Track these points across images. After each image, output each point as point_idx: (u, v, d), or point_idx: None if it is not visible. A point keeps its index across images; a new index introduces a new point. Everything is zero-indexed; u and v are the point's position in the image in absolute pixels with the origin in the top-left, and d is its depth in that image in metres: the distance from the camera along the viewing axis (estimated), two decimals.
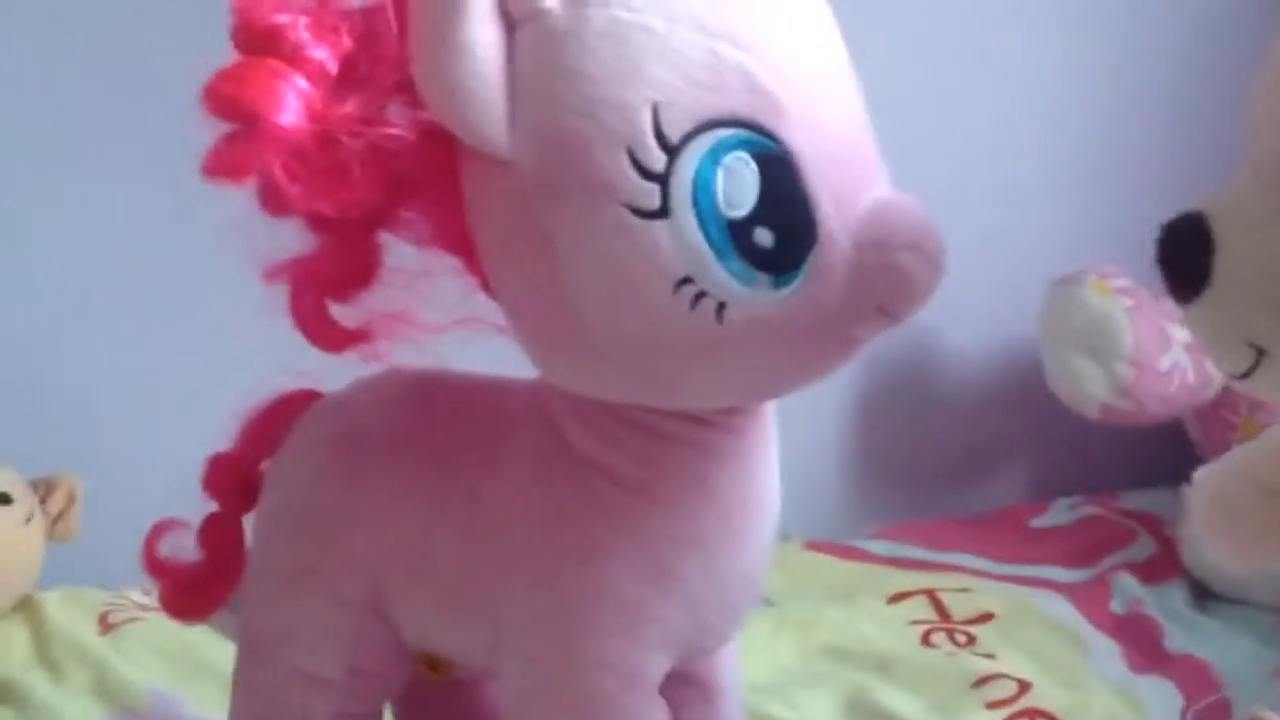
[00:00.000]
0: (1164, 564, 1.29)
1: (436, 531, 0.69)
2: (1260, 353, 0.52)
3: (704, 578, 0.67)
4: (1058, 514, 1.44)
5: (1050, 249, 1.45)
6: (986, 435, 1.57)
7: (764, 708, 1.03)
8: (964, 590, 1.25)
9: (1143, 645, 1.16)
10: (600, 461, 0.66)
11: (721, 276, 0.58)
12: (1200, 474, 0.69)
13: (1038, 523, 1.44)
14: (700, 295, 0.58)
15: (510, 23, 0.58)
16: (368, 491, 0.71)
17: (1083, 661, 1.14)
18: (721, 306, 0.59)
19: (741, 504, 0.68)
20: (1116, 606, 1.23)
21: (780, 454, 1.54)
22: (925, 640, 1.17)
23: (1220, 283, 0.52)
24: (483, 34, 0.57)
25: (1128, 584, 1.25)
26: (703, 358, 0.61)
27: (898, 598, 1.25)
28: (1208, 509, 0.68)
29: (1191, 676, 1.09)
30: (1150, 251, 0.56)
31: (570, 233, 0.58)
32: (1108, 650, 1.15)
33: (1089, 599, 1.24)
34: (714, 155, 0.57)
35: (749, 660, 1.12)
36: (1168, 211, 0.57)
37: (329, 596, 0.71)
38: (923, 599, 1.24)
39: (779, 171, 0.58)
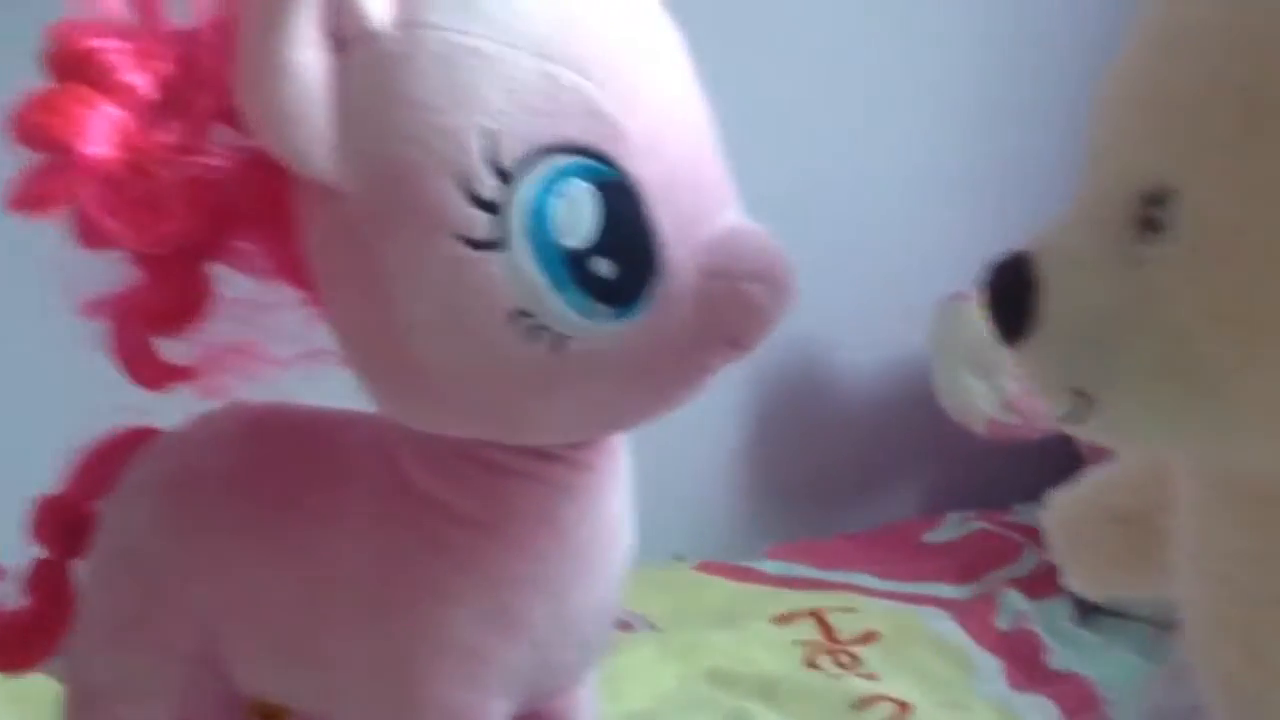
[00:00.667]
0: (1048, 578, 1.28)
1: (274, 578, 0.66)
2: (1086, 399, 0.51)
3: (551, 619, 0.65)
4: (949, 529, 1.45)
5: (940, 265, 1.45)
6: (880, 451, 1.57)
7: None
8: (850, 610, 1.25)
9: (1025, 663, 1.16)
10: (441, 500, 0.64)
11: (560, 309, 0.56)
12: (1052, 499, 0.68)
13: (930, 538, 1.44)
14: (538, 328, 0.56)
15: (341, 45, 0.55)
16: (202, 537, 0.68)
17: (965, 680, 1.13)
18: (561, 339, 0.56)
19: (591, 541, 0.66)
20: (1002, 623, 1.23)
21: (674, 476, 1.54)
22: (810, 662, 1.16)
23: (1045, 327, 0.51)
24: (306, 56, 0.54)
25: (1013, 599, 1.26)
26: (544, 392, 0.58)
27: (784, 619, 1.24)
28: (1059, 537, 0.67)
29: (1072, 693, 1.09)
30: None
31: (402, 265, 0.56)
32: (991, 668, 1.15)
33: (974, 616, 1.24)
34: (551, 183, 0.55)
35: (630, 687, 1.11)
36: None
37: (160, 648, 0.68)
38: (809, 620, 1.24)
39: (620, 200, 0.56)
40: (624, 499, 0.69)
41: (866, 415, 1.54)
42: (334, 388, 0.66)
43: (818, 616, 1.24)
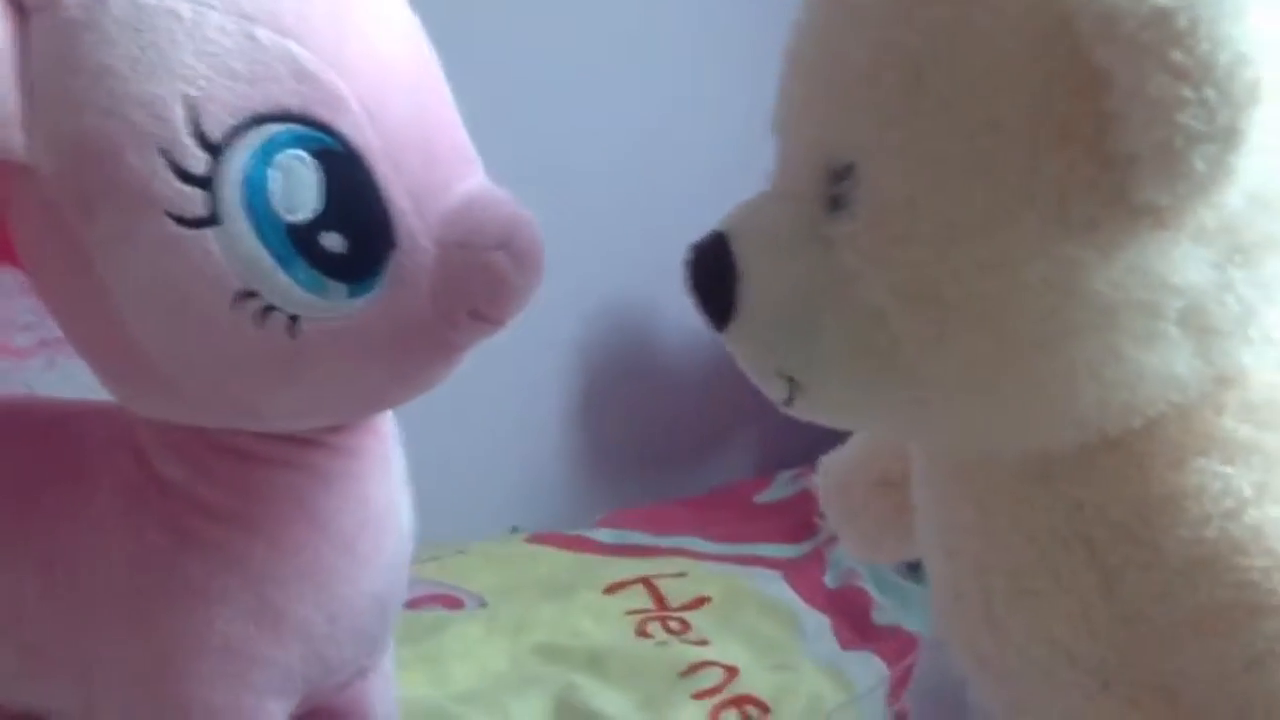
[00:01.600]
0: None
1: (15, 577, 0.62)
2: (793, 382, 0.49)
3: (321, 612, 0.62)
4: (780, 488, 1.44)
5: None
6: (712, 413, 1.56)
7: (470, 719, 0.99)
8: (680, 575, 1.24)
9: (853, 619, 1.16)
10: (192, 493, 0.60)
11: (287, 287, 0.52)
12: (825, 461, 0.67)
13: (761, 498, 1.44)
14: (267, 309, 0.53)
15: (23, 13, 0.51)
16: None
17: (795, 641, 1.13)
18: (293, 320, 0.53)
19: (359, 529, 0.63)
20: (830, 581, 1.23)
21: (505, 448, 1.51)
22: (640, 630, 1.14)
23: (745, 313, 0.49)
24: None
25: (841, 557, 1.26)
26: (283, 377, 0.55)
27: (615, 588, 1.22)
28: (831, 501, 0.65)
29: (895, 647, 1.10)
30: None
31: (109, 247, 0.52)
32: (819, 627, 1.15)
33: (803, 575, 1.23)
34: (265, 154, 0.52)
35: (458, 668, 1.08)
36: None
37: None
38: (640, 587, 1.22)
39: (344, 169, 0.53)
40: (396, 483, 0.66)
41: (697, 378, 1.53)
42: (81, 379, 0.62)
43: (648, 584, 1.22)
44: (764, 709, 1.00)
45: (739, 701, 1.02)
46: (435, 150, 0.56)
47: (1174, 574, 0.44)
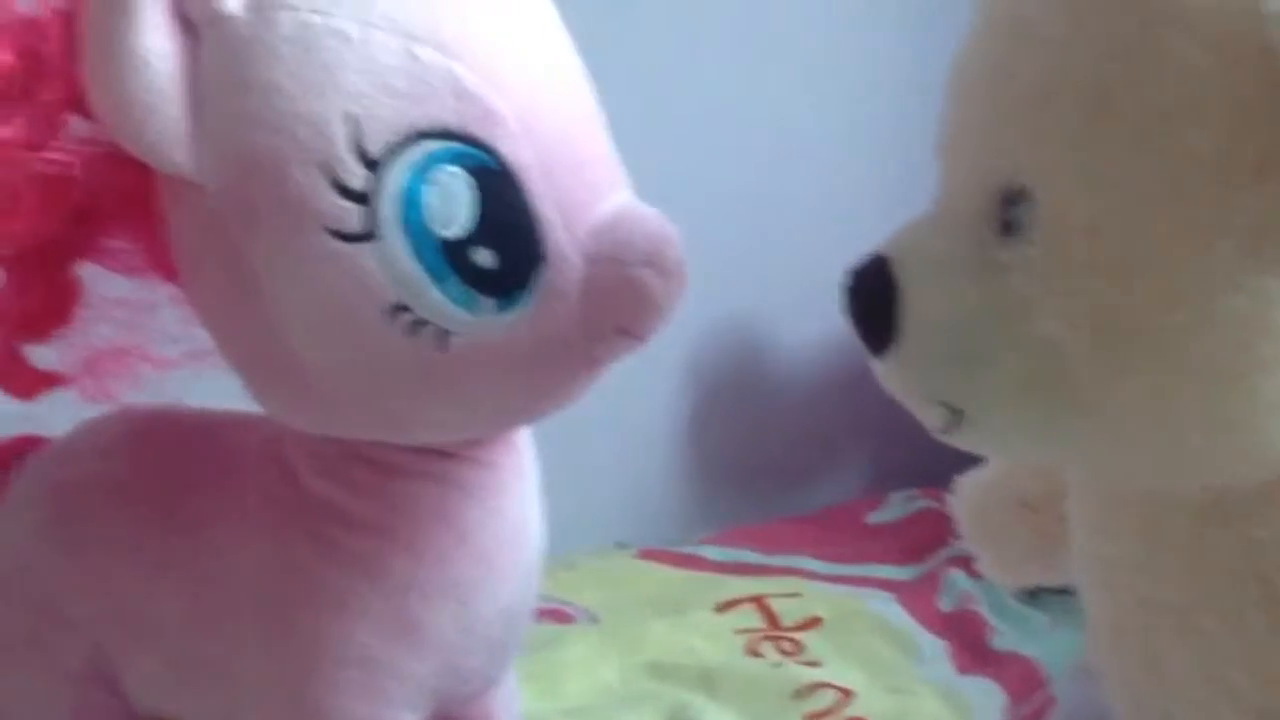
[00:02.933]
0: None
1: (161, 588, 0.63)
2: (956, 412, 0.48)
3: (458, 625, 0.63)
4: (894, 508, 1.42)
5: (878, 239, 1.43)
6: (822, 430, 1.54)
7: None
8: (793, 595, 1.22)
9: (970, 644, 1.14)
10: (335, 504, 0.61)
11: (440, 302, 0.53)
12: (961, 483, 0.65)
13: (874, 518, 1.42)
14: (419, 323, 0.53)
15: (192, 31, 0.52)
16: (87, 549, 0.65)
17: (910, 664, 1.11)
18: (444, 334, 0.54)
19: (497, 541, 0.63)
20: (945, 604, 1.21)
21: (615, 463, 1.52)
22: (752, 650, 1.14)
23: (907, 339, 0.47)
24: (157, 43, 0.51)
25: (957, 579, 1.24)
26: (431, 389, 0.56)
27: (726, 606, 1.22)
28: (968, 524, 0.64)
29: (1016, 674, 1.07)
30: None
31: (271, 260, 0.53)
32: (935, 651, 1.13)
33: (918, 597, 1.22)
34: (422, 170, 0.52)
35: (569, 682, 1.08)
36: None
37: (49, 668, 0.65)
38: (751, 607, 1.21)
39: (498, 186, 0.54)
40: (531, 496, 0.66)
41: (807, 395, 1.52)
42: (227, 389, 0.64)
43: (760, 603, 1.22)
44: None
45: None
46: (584, 165, 0.57)
47: None
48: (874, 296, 0.49)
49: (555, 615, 1.21)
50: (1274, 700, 0.44)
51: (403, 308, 0.53)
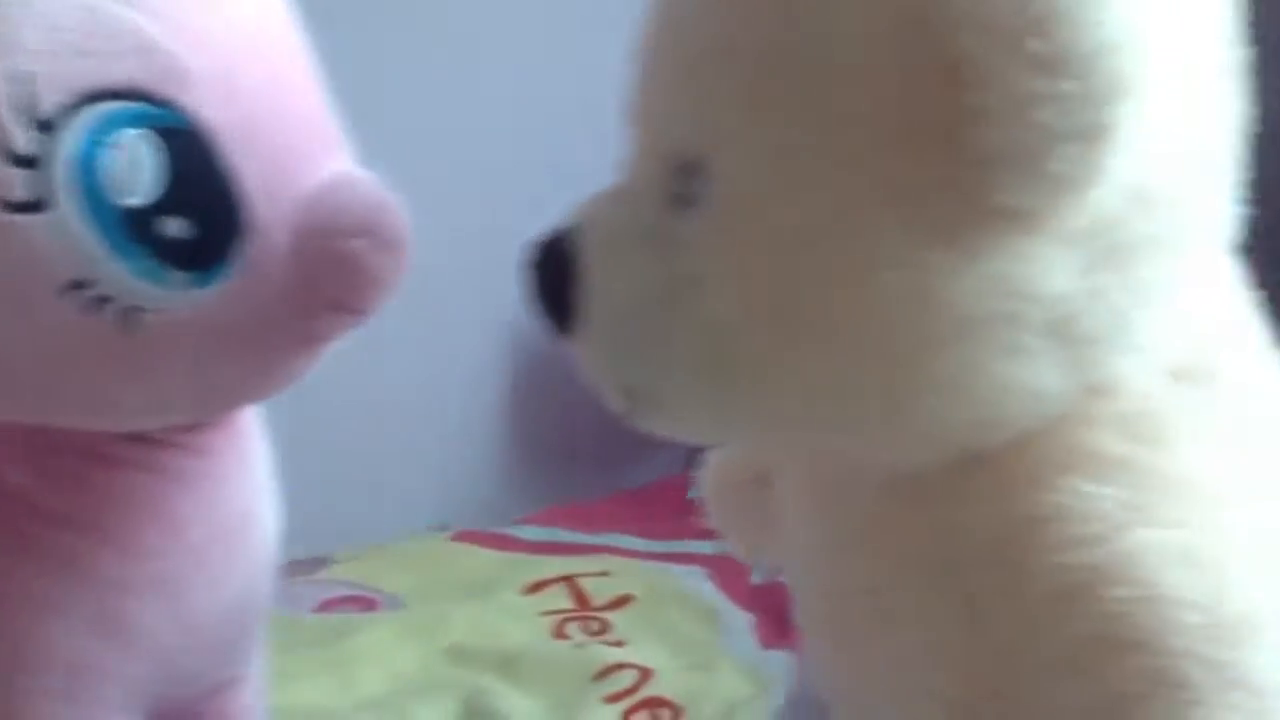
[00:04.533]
0: None
1: None
2: (639, 394, 0.45)
3: (172, 624, 0.59)
4: None
5: None
6: None
7: None
8: (604, 574, 1.21)
9: (776, 617, 1.13)
10: (33, 497, 0.56)
11: (121, 276, 0.49)
12: (708, 458, 0.63)
13: (694, 493, 1.41)
14: (100, 300, 0.49)
15: None
16: None
17: (715, 640, 1.10)
18: (131, 311, 0.50)
19: (215, 534, 0.60)
20: (756, 577, 1.20)
21: (434, 442, 1.47)
22: (558, 632, 1.12)
23: (588, 320, 0.45)
24: None
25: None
26: (125, 371, 0.52)
27: (536, 587, 1.19)
28: (711, 503, 0.62)
29: None
30: None
31: None
32: (741, 625, 1.12)
33: (730, 572, 1.20)
34: (100, 133, 0.48)
35: (364, 672, 1.05)
36: None
37: None
38: (561, 587, 1.19)
39: (187, 149, 0.50)
40: (257, 486, 0.63)
41: None
42: None
43: (570, 583, 1.19)
44: (676, 712, 0.98)
45: (651, 704, 0.99)
46: (291, 130, 0.53)
47: (1039, 605, 0.40)
48: (555, 273, 0.46)
49: (359, 603, 1.17)
50: (974, 696, 0.43)
51: (81, 284, 0.48)
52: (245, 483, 0.61)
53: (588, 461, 1.51)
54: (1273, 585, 0.41)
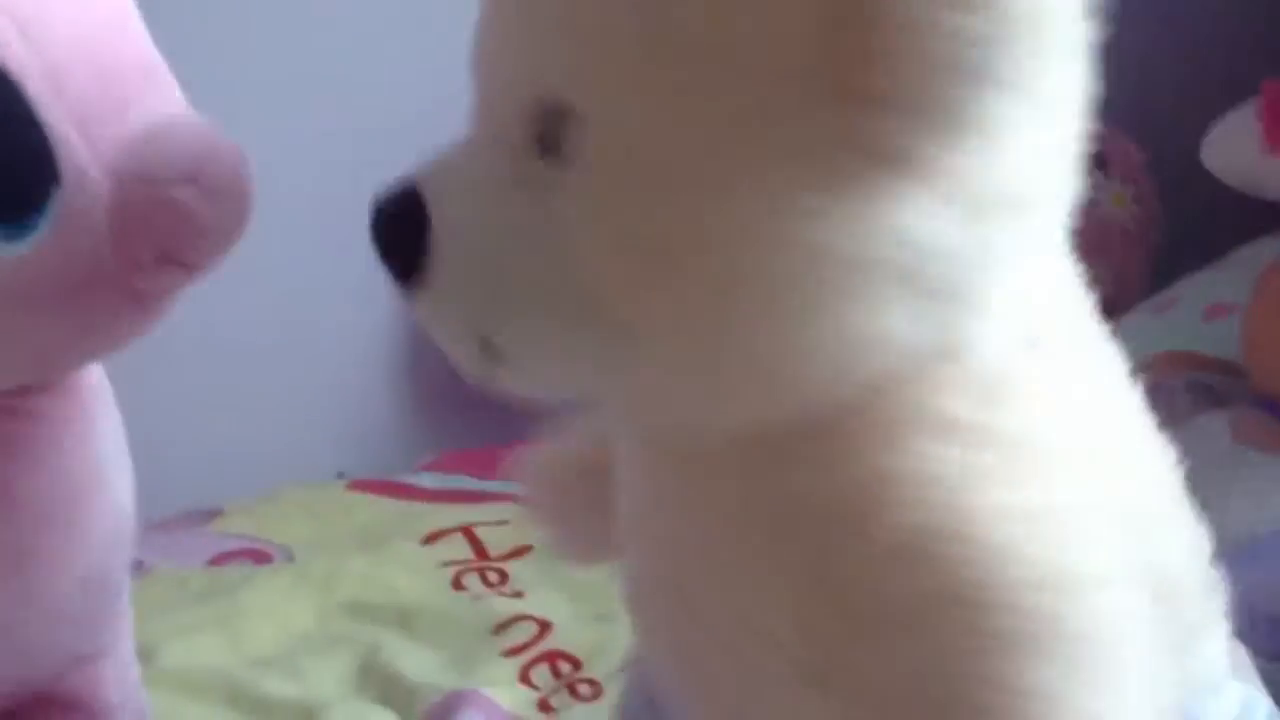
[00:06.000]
0: None
1: None
2: (492, 347, 0.43)
3: (12, 595, 0.55)
4: None
5: None
6: None
7: (262, 686, 0.93)
8: (503, 523, 1.18)
9: None
10: None
11: None
12: (526, 459, 0.60)
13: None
14: None
15: None
16: None
17: (615, 589, 1.08)
18: None
19: (53, 501, 0.56)
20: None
21: (329, 389, 1.43)
22: (456, 583, 1.09)
23: (438, 270, 0.43)
24: None
25: None
26: None
27: (434, 537, 1.16)
28: (532, 499, 0.59)
29: None
30: None
31: None
32: None
33: None
34: None
35: (256, 628, 1.01)
36: None
37: None
38: (459, 537, 1.16)
39: None
40: (102, 451, 0.59)
41: None
42: None
43: (468, 532, 1.16)
44: (576, 664, 0.96)
45: (550, 657, 0.97)
46: (110, 73, 0.49)
47: (877, 564, 0.40)
48: (402, 224, 0.43)
49: (253, 555, 1.13)
50: (822, 655, 0.41)
51: None
52: (87, 448, 0.58)
53: (491, 408, 1.48)
54: (1111, 544, 0.41)
